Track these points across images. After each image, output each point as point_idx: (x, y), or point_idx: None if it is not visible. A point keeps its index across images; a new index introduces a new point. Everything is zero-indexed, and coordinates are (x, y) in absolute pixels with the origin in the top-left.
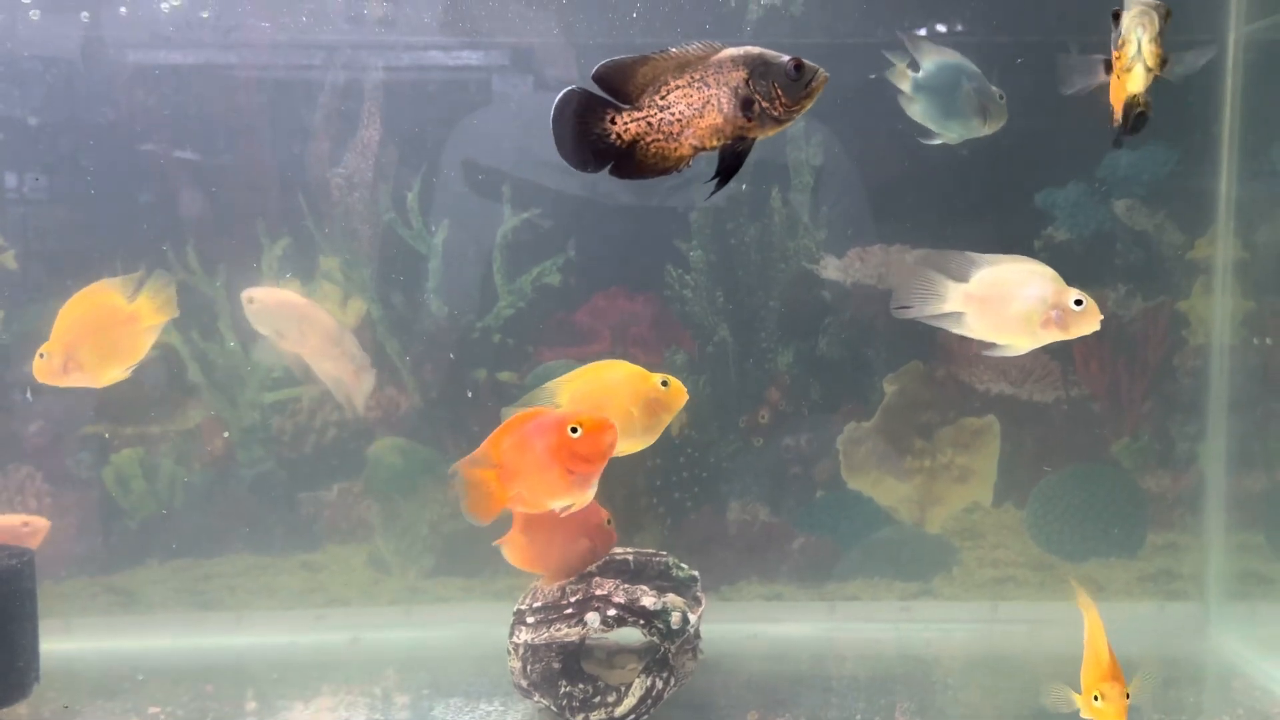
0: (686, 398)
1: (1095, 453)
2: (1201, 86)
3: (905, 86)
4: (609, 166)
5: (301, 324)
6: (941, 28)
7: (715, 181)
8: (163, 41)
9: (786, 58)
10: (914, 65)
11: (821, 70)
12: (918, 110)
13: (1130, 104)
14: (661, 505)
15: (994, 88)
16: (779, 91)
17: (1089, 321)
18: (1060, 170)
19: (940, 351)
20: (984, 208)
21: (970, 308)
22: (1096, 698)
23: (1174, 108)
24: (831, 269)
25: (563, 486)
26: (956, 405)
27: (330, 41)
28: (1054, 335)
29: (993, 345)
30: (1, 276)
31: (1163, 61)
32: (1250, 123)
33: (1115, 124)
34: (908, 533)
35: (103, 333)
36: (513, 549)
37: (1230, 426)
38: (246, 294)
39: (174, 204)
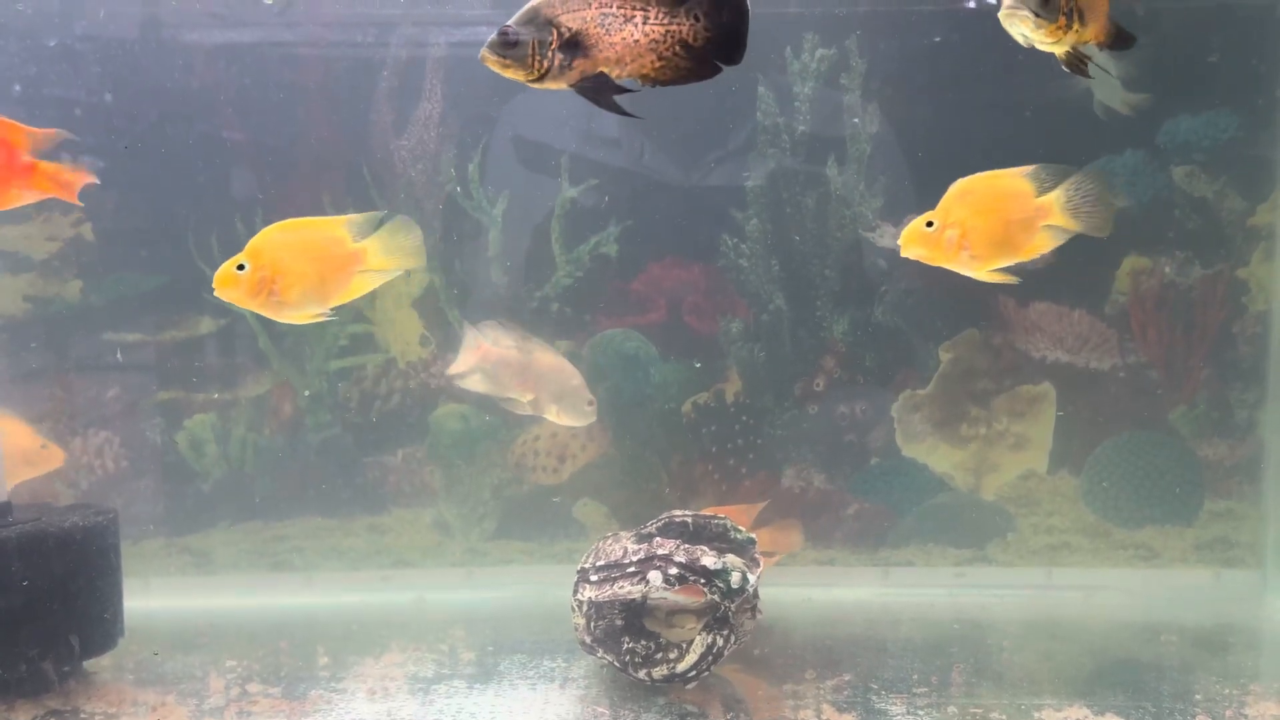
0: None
1: (1152, 420)
2: (1263, 51)
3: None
4: None
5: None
6: None
7: None
8: (228, 20)
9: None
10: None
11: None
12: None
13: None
14: (717, 471)
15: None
16: None
17: None
18: (1118, 137)
19: (997, 319)
20: None
21: None
22: None
23: (1235, 73)
24: (888, 237)
25: None
26: (1012, 373)
27: (392, 16)
28: None
29: None
30: (80, 248)
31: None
32: None
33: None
34: (962, 499)
35: (318, 263)
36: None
37: None
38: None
39: (244, 178)
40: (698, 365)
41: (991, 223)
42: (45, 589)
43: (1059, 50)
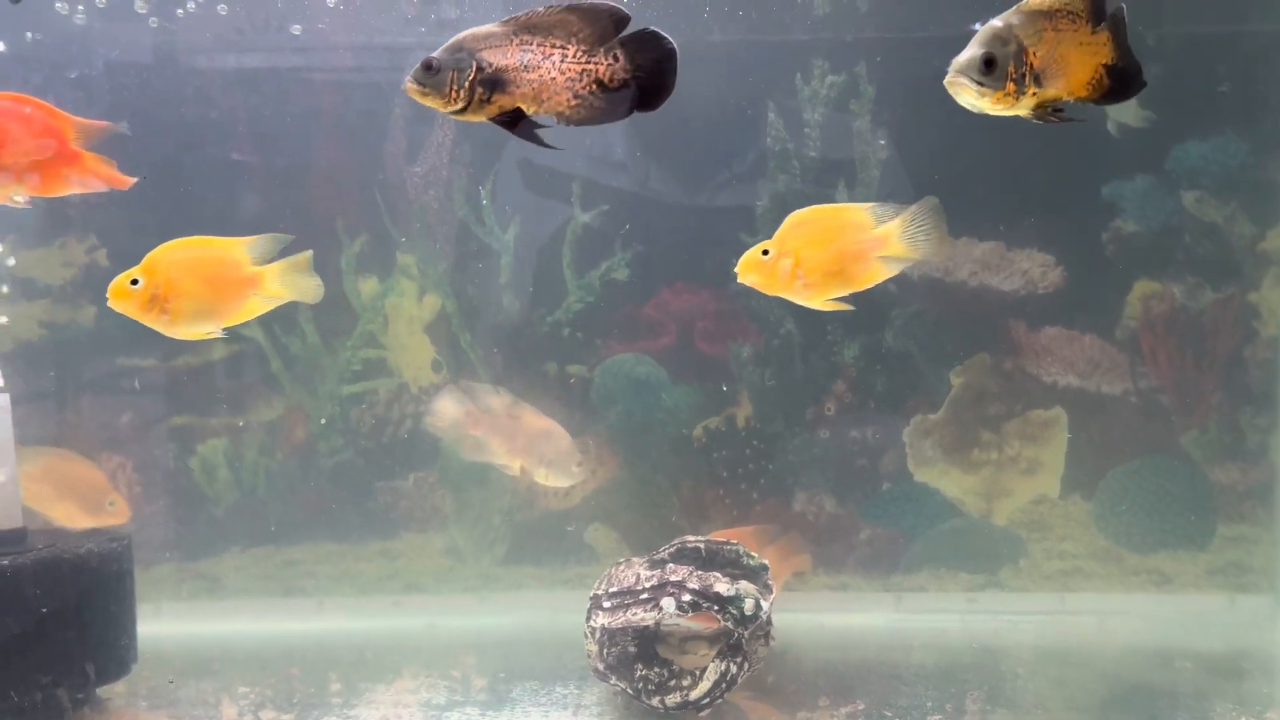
0: None
1: (1164, 445)
2: (1271, 78)
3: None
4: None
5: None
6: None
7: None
8: (243, 46)
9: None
10: None
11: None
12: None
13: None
14: (728, 497)
15: None
16: None
17: None
18: (1128, 162)
19: (1007, 344)
20: (1052, 200)
21: None
22: None
23: (1244, 99)
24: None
25: None
26: (1024, 398)
27: (405, 44)
28: None
29: None
30: (95, 274)
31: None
32: None
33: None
34: (975, 525)
35: (211, 283)
36: None
37: None
38: None
39: (258, 203)
40: (725, 389)
41: (825, 253)
42: (60, 615)
43: (1020, 113)
